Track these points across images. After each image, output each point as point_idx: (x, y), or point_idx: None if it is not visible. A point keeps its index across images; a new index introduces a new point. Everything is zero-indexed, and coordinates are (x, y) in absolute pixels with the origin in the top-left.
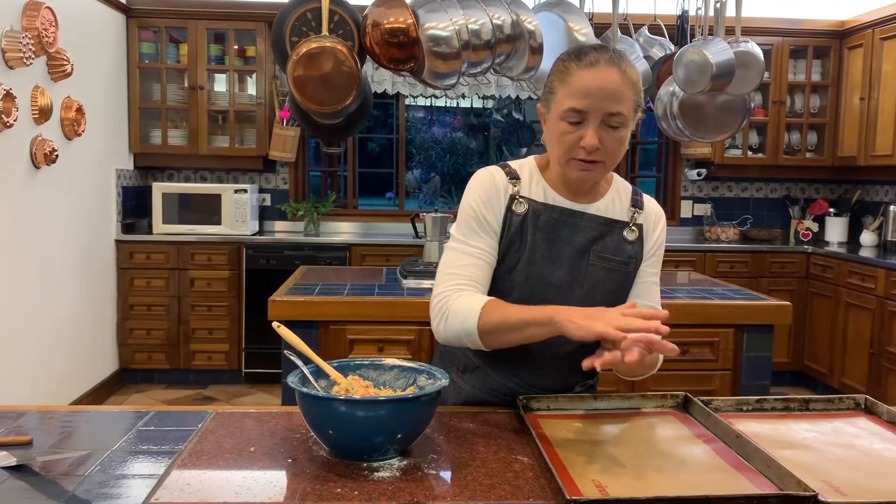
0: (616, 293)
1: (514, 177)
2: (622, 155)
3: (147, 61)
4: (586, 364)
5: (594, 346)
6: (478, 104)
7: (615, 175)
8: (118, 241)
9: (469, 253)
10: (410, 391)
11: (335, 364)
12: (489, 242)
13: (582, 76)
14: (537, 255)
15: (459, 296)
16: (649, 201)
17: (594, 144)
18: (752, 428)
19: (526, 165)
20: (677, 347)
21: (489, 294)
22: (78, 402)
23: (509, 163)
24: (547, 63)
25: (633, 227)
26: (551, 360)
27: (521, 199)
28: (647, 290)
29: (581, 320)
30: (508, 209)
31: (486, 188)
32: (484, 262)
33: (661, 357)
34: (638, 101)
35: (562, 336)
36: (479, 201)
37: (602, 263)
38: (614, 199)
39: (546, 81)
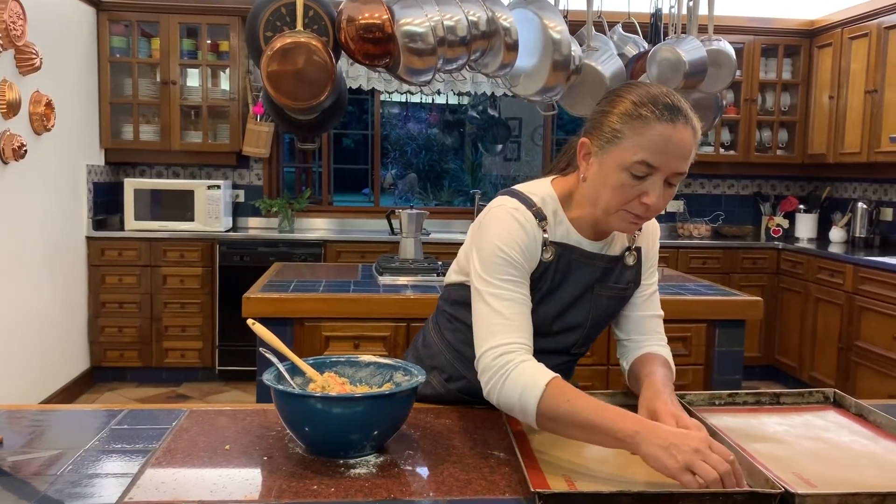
0: (613, 315)
1: (541, 218)
2: None
3: (118, 55)
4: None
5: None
6: (453, 100)
7: None
8: (89, 238)
9: (515, 300)
10: (387, 388)
11: (311, 361)
12: (525, 285)
13: (662, 131)
14: (549, 296)
15: (524, 363)
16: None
17: (659, 206)
18: (725, 422)
19: (549, 200)
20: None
21: None
22: (48, 400)
23: (531, 197)
24: (522, 60)
25: (633, 251)
26: None
27: (548, 246)
28: (651, 299)
29: (665, 458)
30: (540, 255)
31: (521, 234)
32: (526, 307)
33: (673, 372)
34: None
35: (557, 348)
36: (518, 251)
37: (604, 293)
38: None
39: (606, 119)
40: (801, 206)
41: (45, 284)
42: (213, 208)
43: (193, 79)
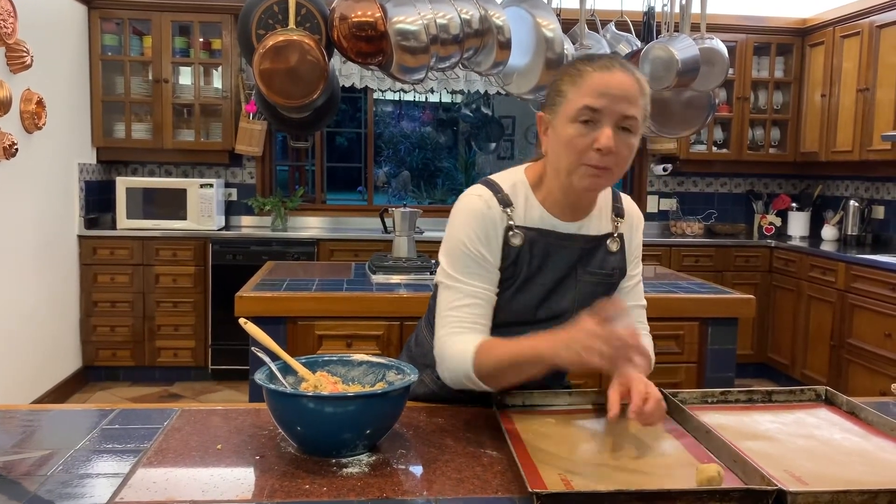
0: (600, 301)
1: (506, 203)
2: (627, 168)
3: (110, 53)
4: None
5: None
6: (447, 99)
7: None
8: (81, 237)
9: (467, 293)
10: (379, 387)
11: (303, 360)
12: (488, 278)
13: (597, 77)
14: (530, 283)
15: (454, 340)
16: (629, 207)
17: (610, 145)
18: (717, 420)
19: (519, 185)
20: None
21: None
22: (39, 400)
23: (499, 182)
24: (515, 58)
25: (616, 237)
26: None
27: (516, 231)
28: (635, 289)
29: (570, 356)
30: (505, 242)
31: (481, 223)
32: (482, 300)
33: (652, 361)
34: (647, 112)
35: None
36: (476, 239)
37: (589, 279)
38: (600, 210)
39: (550, 89)
40: (794, 205)
41: (36, 283)
42: (205, 207)
43: (186, 77)
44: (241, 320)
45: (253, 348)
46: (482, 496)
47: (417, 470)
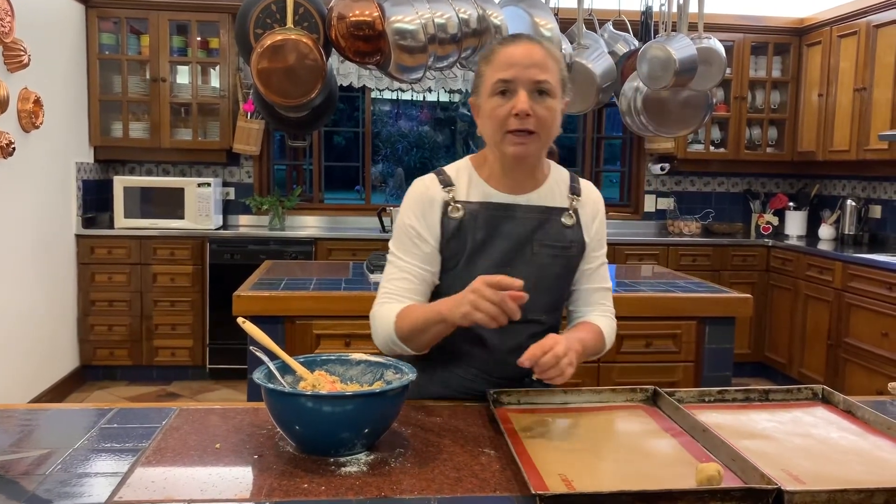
0: (562, 278)
1: (447, 184)
2: (556, 129)
3: (107, 52)
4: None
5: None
6: (444, 98)
7: (553, 164)
8: (78, 236)
9: (400, 268)
10: (377, 386)
11: (301, 359)
12: (422, 256)
13: (506, 51)
14: (479, 254)
15: (382, 309)
16: (587, 187)
17: (525, 108)
18: (714, 419)
19: (463, 168)
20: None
21: (438, 297)
22: (37, 399)
23: (445, 168)
24: None
25: (571, 213)
26: (505, 352)
27: (456, 205)
28: (598, 272)
29: (460, 312)
30: (444, 215)
31: (418, 201)
32: (413, 276)
33: (606, 338)
34: (563, 79)
35: (509, 326)
36: (413, 216)
37: (546, 251)
38: (552, 187)
39: (474, 76)
40: (791, 204)
41: (34, 283)
42: (203, 206)
43: (183, 76)
44: (240, 319)
45: (251, 348)
46: (481, 495)
47: (416, 469)
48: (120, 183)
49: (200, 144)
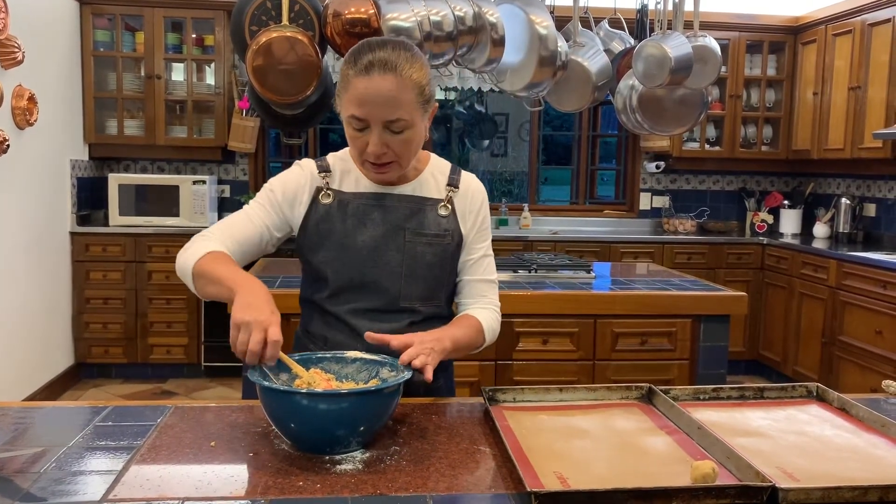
0: (436, 266)
1: (325, 170)
2: (416, 151)
3: (102, 49)
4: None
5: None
6: (440, 96)
7: (432, 156)
8: (73, 234)
9: (243, 214)
10: (373, 384)
11: (297, 357)
12: (269, 216)
13: (358, 84)
14: (349, 240)
15: (201, 241)
16: (467, 179)
17: (376, 152)
18: (709, 416)
19: (342, 159)
20: None
21: (311, 288)
22: (32, 397)
23: (328, 156)
24: (509, 55)
25: (447, 204)
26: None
27: (328, 192)
28: (479, 263)
29: (237, 316)
30: (314, 200)
31: (288, 175)
32: (254, 227)
33: (486, 331)
34: (423, 98)
35: (384, 304)
36: (277, 182)
37: (418, 239)
38: (428, 178)
39: (340, 73)
40: (786, 202)
41: (28, 280)
42: (198, 203)
43: (178, 73)
44: None
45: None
46: (476, 493)
47: (411, 467)
48: (115, 180)
49: (195, 142)
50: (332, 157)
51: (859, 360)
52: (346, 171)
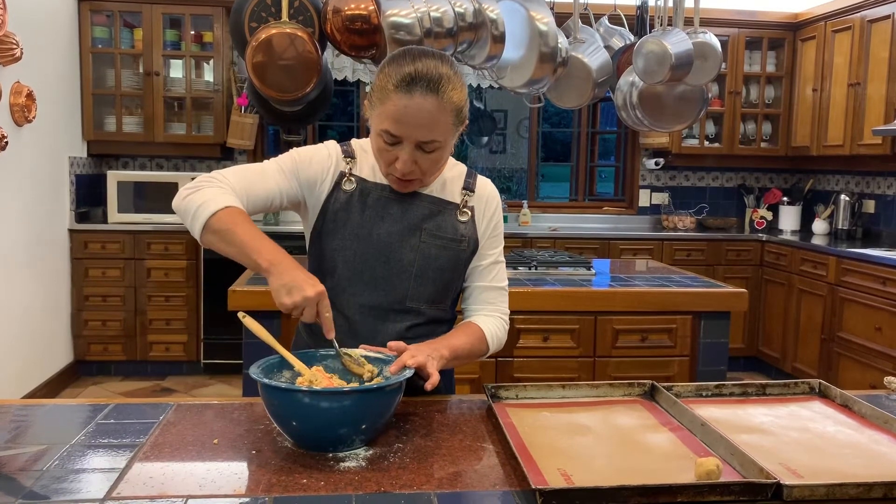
0: (447, 270)
1: (349, 155)
2: (443, 164)
3: (100, 46)
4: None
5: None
6: None
7: (450, 158)
8: (72, 231)
9: (266, 174)
10: (376, 381)
11: (299, 355)
12: (284, 182)
13: (398, 101)
14: (365, 230)
15: (218, 188)
16: (482, 183)
17: (405, 171)
18: (712, 413)
19: (365, 147)
20: None
21: (317, 276)
22: (31, 395)
23: (351, 141)
24: (509, 52)
25: (466, 210)
26: (380, 343)
27: (351, 178)
28: (489, 269)
29: (283, 295)
30: (337, 185)
31: (312, 151)
32: (269, 188)
33: (490, 339)
34: (458, 120)
35: (390, 302)
36: (308, 158)
37: (434, 241)
38: (446, 181)
39: (375, 81)
40: (785, 199)
41: (27, 278)
42: None
43: (177, 70)
44: (240, 314)
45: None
46: (480, 490)
47: (415, 464)
48: (113, 177)
49: (194, 139)
50: (355, 144)
51: (858, 356)
52: (370, 161)
